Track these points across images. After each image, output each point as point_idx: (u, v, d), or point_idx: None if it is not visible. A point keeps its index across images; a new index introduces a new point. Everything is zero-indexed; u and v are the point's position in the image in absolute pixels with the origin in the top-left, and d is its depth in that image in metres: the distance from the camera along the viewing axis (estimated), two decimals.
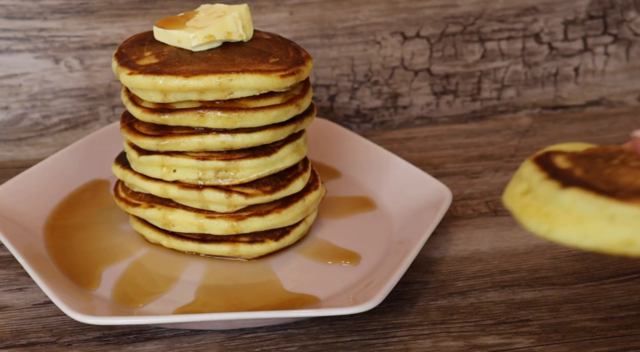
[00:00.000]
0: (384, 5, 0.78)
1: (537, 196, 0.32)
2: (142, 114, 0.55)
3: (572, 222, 0.31)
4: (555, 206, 0.31)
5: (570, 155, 0.35)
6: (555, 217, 0.31)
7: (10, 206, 0.59)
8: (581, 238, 0.30)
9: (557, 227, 0.31)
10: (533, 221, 0.32)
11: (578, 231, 0.30)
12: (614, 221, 0.30)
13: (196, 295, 0.53)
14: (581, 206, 0.31)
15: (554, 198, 0.31)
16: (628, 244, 0.30)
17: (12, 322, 0.52)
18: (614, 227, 0.30)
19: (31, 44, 0.74)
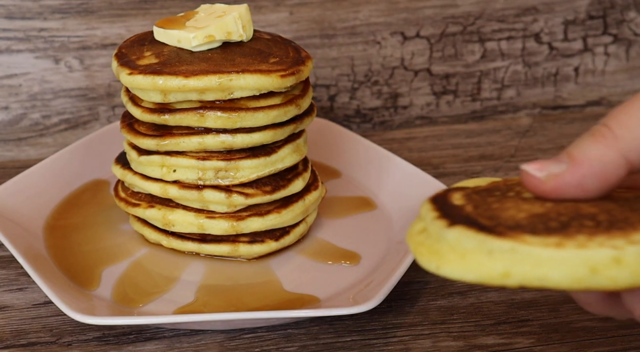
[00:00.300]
0: (384, 5, 0.78)
1: (430, 235, 0.34)
2: (142, 114, 0.55)
3: (456, 259, 0.32)
4: (443, 243, 0.33)
5: (469, 191, 0.37)
6: (443, 254, 0.33)
7: (10, 206, 0.59)
8: (464, 273, 0.32)
9: (443, 263, 0.33)
10: (424, 258, 0.34)
11: (461, 266, 0.32)
12: (492, 255, 0.32)
13: (196, 295, 0.53)
14: (464, 243, 0.32)
15: (442, 236, 0.33)
16: (504, 276, 0.31)
17: (12, 322, 0.52)
18: (492, 261, 0.32)
19: (31, 44, 0.74)
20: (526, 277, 0.31)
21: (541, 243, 0.31)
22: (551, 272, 0.31)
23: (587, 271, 0.31)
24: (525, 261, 0.31)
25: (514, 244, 0.32)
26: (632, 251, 0.31)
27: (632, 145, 0.34)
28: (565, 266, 0.31)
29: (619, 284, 0.31)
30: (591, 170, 0.34)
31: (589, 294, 0.36)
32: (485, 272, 0.32)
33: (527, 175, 0.35)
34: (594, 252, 0.31)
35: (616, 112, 0.35)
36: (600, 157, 0.34)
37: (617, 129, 0.34)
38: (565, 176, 0.34)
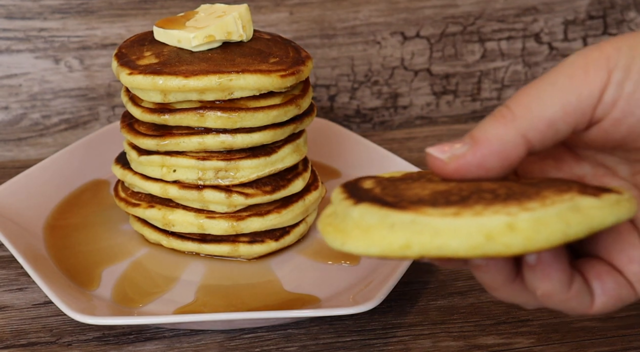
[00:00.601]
0: (384, 5, 0.78)
1: (337, 215, 0.35)
2: (142, 114, 0.55)
3: (360, 234, 0.33)
4: (348, 221, 0.34)
5: (381, 179, 0.38)
6: (347, 231, 0.33)
7: (10, 206, 0.59)
8: (367, 247, 0.33)
9: (348, 239, 0.33)
10: (331, 236, 0.34)
11: (364, 240, 0.33)
12: (394, 228, 0.32)
13: (196, 295, 0.53)
14: (367, 218, 0.33)
15: (347, 214, 0.34)
16: (405, 248, 0.32)
17: (12, 322, 0.52)
18: (393, 233, 0.32)
19: (31, 44, 0.74)
20: (425, 247, 0.32)
21: (439, 213, 0.32)
22: (449, 241, 0.31)
23: (482, 238, 0.31)
24: (425, 231, 0.32)
25: (414, 216, 0.32)
26: (525, 217, 0.31)
27: (530, 124, 0.34)
28: (461, 234, 0.31)
29: (512, 249, 0.31)
30: (491, 149, 0.35)
31: (494, 278, 0.36)
32: (387, 245, 0.32)
33: (431, 157, 0.36)
34: (489, 220, 0.31)
35: (517, 94, 0.36)
36: (499, 136, 0.35)
37: (516, 109, 0.35)
38: (466, 156, 0.35)
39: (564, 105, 0.34)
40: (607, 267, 0.37)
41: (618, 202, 0.33)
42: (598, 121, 0.35)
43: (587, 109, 0.35)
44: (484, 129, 0.35)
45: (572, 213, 0.32)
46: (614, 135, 0.36)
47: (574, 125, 0.35)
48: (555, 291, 0.35)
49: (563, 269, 0.35)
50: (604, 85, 0.34)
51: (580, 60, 0.35)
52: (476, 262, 0.36)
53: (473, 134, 0.35)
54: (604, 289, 0.36)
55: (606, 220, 0.33)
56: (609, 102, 0.35)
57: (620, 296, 0.36)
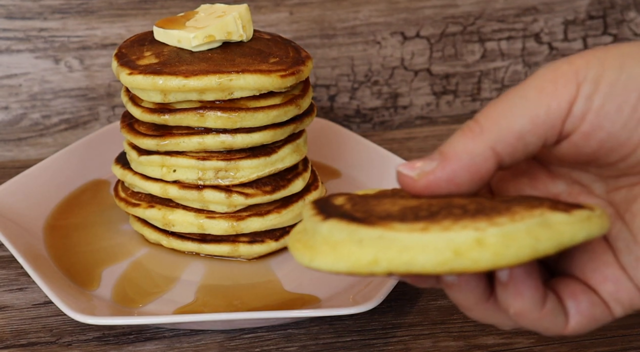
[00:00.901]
0: (384, 5, 0.78)
1: (306, 231, 0.35)
2: (142, 114, 0.55)
3: (328, 250, 0.32)
4: (317, 237, 0.33)
5: (353, 196, 0.37)
6: (316, 247, 0.33)
7: (10, 206, 0.59)
8: (335, 263, 0.32)
9: (316, 256, 0.33)
10: (299, 253, 0.34)
11: (332, 257, 0.32)
12: (362, 243, 0.32)
13: (196, 295, 0.53)
14: (336, 234, 0.33)
15: (316, 230, 0.34)
16: (373, 264, 0.31)
17: (12, 322, 0.52)
18: (361, 249, 0.32)
19: (31, 44, 0.74)
20: (393, 263, 0.31)
21: (407, 229, 0.32)
22: (416, 256, 0.31)
23: (450, 254, 0.31)
24: (392, 247, 0.31)
25: (382, 232, 0.32)
26: (494, 232, 0.31)
27: (499, 137, 0.34)
28: (429, 250, 0.31)
29: (481, 265, 0.31)
30: (460, 163, 0.34)
31: (467, 297, 0.36)
32: (354, 261, 0.32)
33: (400, 175, 0.36)
34: (457, 235, 0.31)
35: (486, 108, 0.35)
36: (468, 150, 0.34)
37: (484, 123, 0.35)
38: (436, 172, 0.35)
39: (532, 118, 0.34)
40: (581, 287, 0.36)
41: (589, 218, 0.33)
42: (568, 135, 0.35)
43: (556, 122, 0.34)
44: (452, 144, 0.35)
45: (542, 229, 0.32)
46: (585, 149, 0.35)
47: (544, 139, 0.35)
48: (528, 309, 0.35)
49: (536, 287, 0.35)
50: (573, 98, 0.34)
51: (549, 74, 0.35)
52: (448, 280, 0.35)
53: (442, 150, 0.35)
54: (579, 309, 0.36)
55: (576, 236, 0.32)
56: (578, 115, 0.34)
57: (595, 315, 0.36)
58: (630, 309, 0.36)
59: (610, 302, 0.36)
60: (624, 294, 0.36)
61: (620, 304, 0.36)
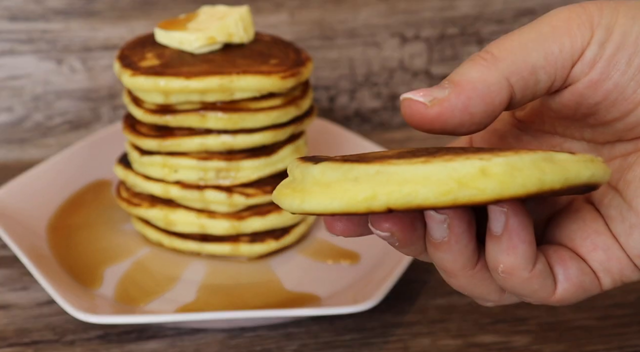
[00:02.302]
0: (383, 7, 0.78)
1: (295, 179, 0.33)
2: (143, 116, 0.55)
3: (320, 190, 0.31)
4: (308, 180, 0.31)
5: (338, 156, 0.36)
6: (307, 190, 0.31)
7: (13, 206, 0.59)
8: (329, 202, 0.30)
9: (307, 197, 0.31)
10: (288, 199, 0.31)
11: (326, 196, 0.30)
12: (357, 180, 0.30)
13: (197, 294, 0.54)
14: (329, 174, 0.31)
15: (306, 174, 0.32)
16: (371, 198, 0.30)
17: (15, 321, 0.53)
18: (357, 185, 0.30)
19: (34, 46, 0.74)
20: (393, 196, 0.30)
21: (407, 163, 0.30)
22: (418, 188, 0.29)
23: (454, 184, 0.29)
24: (392, 180, 0.30)
25: (380, 167, 0.30)
26: (499, 161, 0.30)
27: (513, 68, 0.33)
28: (432, 181, 0.29)
29: (487, 194, 0.29)
30: (475, 92, 0.33)
31: (455, 260, 0.34)
32: (350, 198, 0.30)
33: (409, 102, 0.33)
34: (461, 165, 0.30)
35: (496, 41, 0.34)
36: (483, 78, 0.33)
37: (498, 53, 0.33)
38: (450, 99, 0.33)
39: (546, 54, 0.33)
40: (571, 254, 0.35)
41: (593, 161, 0.32)
42: (574, 82, 0.34)
43: (567, 63, 0.33)
44: (465, 72, 0.33)
45: (548, 163, 0.31)
46: (588, 100, 0.34)
47: (553, 78, 0.34)
48: (519, 266, 0.33)
49: (530, 241, 0.33)
50: (587, 42, 0.33)
51: (564, 14, 0.34)
52: (438, 237, 0.34)
53: (452, 78, 0.33)
54: (567, 276, 0.35)
55: (582, 174, 0.31)
56: (589, 61, 0.33)
57: (583, 284, 0.35)
58: (619, 280, 0.35)
59: (600, 272, 0.35)
60: (615, 263, 0.35)
61: (609, 275, 0.35)
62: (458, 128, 0.33)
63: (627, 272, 0.35)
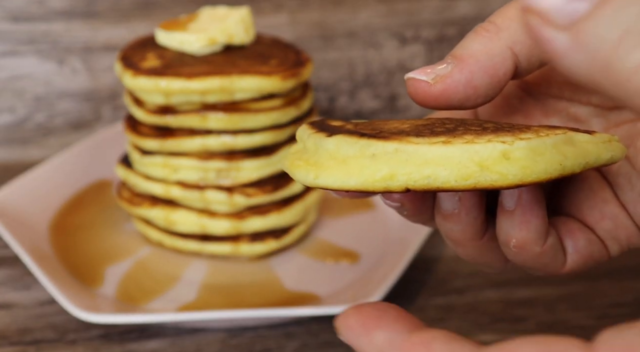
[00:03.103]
0: (383, 8, 0.78)
1: (307, 149, 0.32)
2: (144, 116, 0.55)
3: (336, 165, 0.30)
4: (322, 153, 0.31)
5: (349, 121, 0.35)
6: (321, 163, 0.30)
7: (15, 206, 0.60)
8: (345, 179, 0.30)
9: (322, 172, 0.30)
10: (302, 170, 0.31)
11: (342, 172, 0.30)
12: (375, 158, 0.29)
13: (198, 293, 0.54)
14: (345, 149, 0.30)
15: (320, 146, 0.31)
16: (389, 178, 0.29)
17: (17, 320, 0.53)
18: (375, 163, 0.29)
19: (36, 46, 0.74)
20: (412, 177, 0.29)
21: (427, 142, 0.29)
22: (438, 170, 0.29)
23: (475, 167, 0.29)
24: (411, 161, 0.29)
25: (399, 145, 0.29)
26: (522, 145, 0.29)
27: (517, 37, 0.32)
28: (453, 163, 0.29)
29: (508, 179, 0.29)
30: (478, 65, 0.32)
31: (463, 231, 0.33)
32: (367, 176, 0.29)
33: (413, 81, 0.32)
34: (483, 147, 0.29)
35: (499, 10, 0.33)
36: (485, 50, 0.32)
37: (500, 22, 0.32)
38: (453, 75, 0.32)
39: None
40: (579, 225, 0.35)
41: (610, 141, 0.32)
42: None
43: None
44: (467, 45, 0.32)
45: (568, 146, 0.30)
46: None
47: None
48: (531, 241, 0.33)
49: (543, 216, 0.32)
50: None
51: None
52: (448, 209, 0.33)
53: (455, 53, 0.32)
54: (576, 247, 0.34)
55: (602, 156, 0.31)
56: None
57: (592, 254, 0.35)
58: (626, 247, 0.35)
59: (607, 241, 0.35)
60: (622, 231, 0.35)
61: (617, 243, 0.35)
62: (464, 102, 0.33)
63: (634, 240, 0.35)
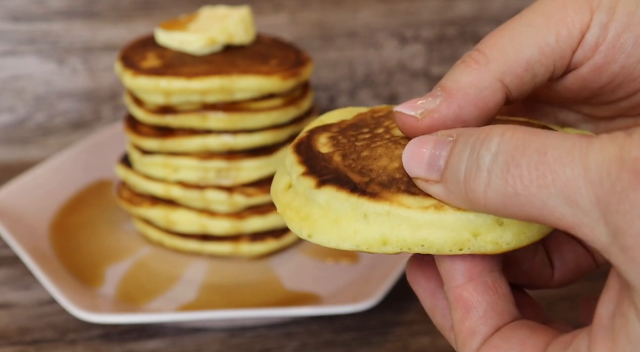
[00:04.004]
0: (383, 8, 0.78)
1: (298, 194, 0.31)
2: (144, 116, 0.55)
3: (329, 225, 0.30)
4: (313, 207, 0.30)
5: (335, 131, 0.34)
6: (314, 220, 0.30)
7: (15, 206, 0.60)
8: (340, 241, 0.30)
9: (316, 231, 0.30)
10: (295, 224, 0.31)
11: (335, 233, 0.30)
12: (368, 221, 0.29)
13: (198, 293, 0.54)
14: (336, 206, 0.30)
15: (311, 199, 0.31)
16: (382, 243, 0.29)
17: (17, 320, 0.53)
18: (368, 227, 0.29)
19: (36, 46, 0.74)
20: (406, 243, 0.29)
21: (419, 206, 0.29)
22: (431, 237, 0.29)
23: (468, 234, 0.29)
24: (403, 226, 0.29)
25: (390, 208, 0.29)
26: None
27: (506, 68, 0.31)
28: (445, 230, 0.29)
29: (502, 247, 0.29)
30: (466, 98, 0.31)
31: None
32: (362, 240, 0.29)
33: (401, 115, 0.32)
34: (475, 215, 0.29)
35: (489, 37, 0.32)
36: (474, 83, 0.31)
37: (489, 53, 0.31)
38: (441, 109, 0.31)
39: (541, 47, 0.31)
40: (565, 238, 0.35)
41: None
42: (576, 67, 0.32)
43: (566, 52, 0.31)
44: (455, 77, 0.31)
45: None
46: (593, 84, 0.32)
47: (552, 70, 0.32)
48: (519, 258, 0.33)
49: None
50: (586, 25, 0.31)
51: None
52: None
53: (444, 85, 0.31)
54: (563, 261, 0.34)
55: None
56: (591, 45, 0.31)
57: (580, 266, 0.35)
58: None
59: (595, 252, 0.35)
60: None
61: None
62: None
63: None
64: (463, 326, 0.30)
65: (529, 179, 0.26)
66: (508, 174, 0.26)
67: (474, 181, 0.27)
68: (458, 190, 0.28)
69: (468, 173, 0.28)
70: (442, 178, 0.29)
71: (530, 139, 0.26)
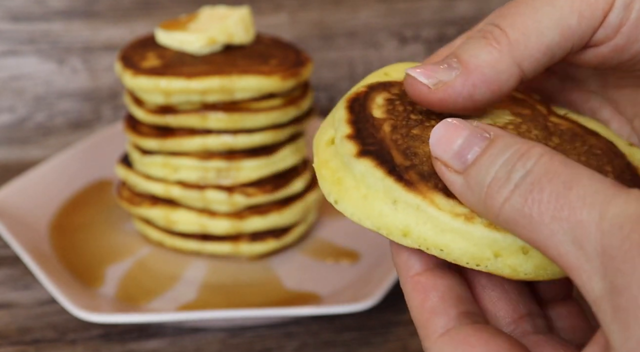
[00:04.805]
0: (383, 7, 0.78)
1: (337, 154, 0.30)
2: (144, 116, 0.55)
3: (357, 199, 0.29)
4: (347, 174, 0.30)
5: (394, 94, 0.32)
6: (345, 189, 0.29)
7: (15, 205, 0.60)
8: (362, 217, 0.29)
9: (344, 200, 0.29)
10: (326, 184, 0.30)
11: (361, 208, 0.29)
12: (396, 206, 0.29)
13: (198, 293, 0.54)
14: (370, 182, 0.29)
15: (348, 165, 0.30)
16: (403, 234, 0.29)
17: (17, 320, 0.53)
18: (394, 213, 0.29)
19: (36, 46, 0.75)
20: (426, 242, 0.28)
21: (451, 211, 0.28)
22: (453, 245, 0.28)
23: (490, 253, 0.28)
24: (429, 225, 0.28)
25: (422, 203, 0.28)
26: None
27: (527, 53, 0.30)
28: (469, 243, 0.28)
29: (519, 275, 0.29)
30: (483, 78, 0.30)
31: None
32: (384, 224, 0.29)
33: (413, 80, 0.31)
34: (503, 237, 0.28)
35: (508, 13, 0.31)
36: (493, 63, 0.30)
37: (512, 34, 0.30)
38: (456, 85, 0.30)
39: (562, 29, 0.30)
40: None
41: None
42: (595, 45, 0.31)
43: (586, 33, 0.31)
44: (475, 53, 0.30)
45: None
46: (612, 61, 0.32)
47: (569, 51, 0.31)
48: None
49: None
50: (609, 5, 0.30)
51: None
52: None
53: (461, 58, 0.30)
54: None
55: None
56: (613, 26, 0.30)
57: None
58: None
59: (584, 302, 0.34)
60: None
61: None
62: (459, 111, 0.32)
63: None
64: (423, 308, 0.30)
65: (546, 207, 0.26)
66: (530, 195, 0.26)
67: (498, 190, 0.27)
68: (478, 190, 0.27)
69: (496, 180, 0.27)
70: (465, 171, 0.28)
71: (563, 169, 0.26)
